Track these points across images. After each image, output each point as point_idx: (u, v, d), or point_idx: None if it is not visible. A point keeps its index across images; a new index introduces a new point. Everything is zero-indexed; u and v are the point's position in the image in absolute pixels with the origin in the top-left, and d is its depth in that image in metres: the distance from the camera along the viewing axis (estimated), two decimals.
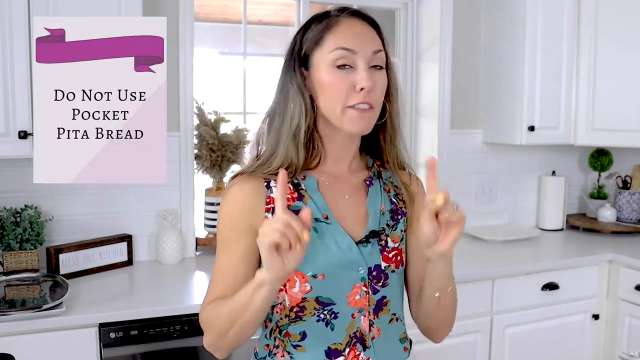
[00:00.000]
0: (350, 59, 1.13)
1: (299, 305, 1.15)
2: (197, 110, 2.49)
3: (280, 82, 1.21)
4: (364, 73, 1.12)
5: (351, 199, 1.22)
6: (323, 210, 1.18)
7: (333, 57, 1.13)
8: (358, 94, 1.12)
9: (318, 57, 1.15)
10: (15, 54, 1.91)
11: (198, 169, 2.54)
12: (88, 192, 2.35)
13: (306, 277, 1.14)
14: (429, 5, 2.91)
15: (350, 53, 1.13)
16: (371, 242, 1.19)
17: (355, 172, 1.25)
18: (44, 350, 1.80)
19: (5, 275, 2.09)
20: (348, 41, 1.13)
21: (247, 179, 1.18)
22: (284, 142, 1.16)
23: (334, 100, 1.14)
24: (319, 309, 1.15)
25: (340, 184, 1.22)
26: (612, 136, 2.80)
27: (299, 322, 1.16)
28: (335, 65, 1.13)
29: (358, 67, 1.13)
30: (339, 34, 1.14)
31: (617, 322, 2.62)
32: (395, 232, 1.23)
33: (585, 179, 3.34)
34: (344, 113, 1.14)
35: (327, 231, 1.16)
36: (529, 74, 2.75)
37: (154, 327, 1.91)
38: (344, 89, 1.13)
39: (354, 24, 1.16)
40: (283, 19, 3.03)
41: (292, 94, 1.17)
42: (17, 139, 1.93)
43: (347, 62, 1.13)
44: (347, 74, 1.13)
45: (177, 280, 2.26)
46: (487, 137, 3.01)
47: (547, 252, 2.82)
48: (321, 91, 1.15)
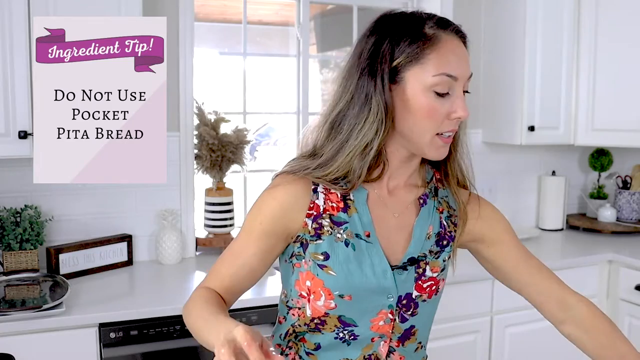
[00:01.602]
0: (450, 85, 1.05)
1: (320, 318, 1.11)
2: (197, 110, 2.49)
3: (356, 86, 1.07)
4: (463, 103, 1.06)
5: (400, 218, 1.14)
6: (367, 227, 1.11)
7: (434, 81, 1.03)
8: (451, 121, 1.06)
9: (414, 76, 1.04)
10: (15, 54, 1.91)
11: (198, 169, 2.54)
12: (88, 192, 2.36)
13: (332, 295, 1.08)
14: (429, 5, 2.91)
15: (453, 80, 1.05)
16: (408, 270, 1.12)
17: (410, 188, 1.17)
18: (44, 350, 1.80)
19: (5, 275, 2.09)
20: (453, 67, 1.05)
21: (294, 180, 1.11)
22: (349, 154, 1.07)
23: (426, 127, 1.05)
24: (340, 328, 1.11)
25: (392, 201, 1.15)
26: (612, 136, 2.80)
27: (317, 334, 1.13)
28: (434, 90, 1.04)
29: (455, 94, 1.05)
30: (444, 55, 1.04)
31: (617, 322, 2.62)
32: (437, 260, 1.15)
33: (585, 179, 3.34)
34: (432, 140, 1.06)
35: (365, 250, 1.09)
36: (529, 74, 2.75)
37: (154, 327, 1.91)
38: (440, 117, 1.05)
39: (457, 45, 1.08)
40: (283, 19, 3.02)
41: (374, 108, 1.04)
42: (17, 139, 1.93)
43: (447, 89, 1.04)
44: (445, 101, 1.05)
45: (177, 280, 2.26)
46: (487, 137, 3.01)
47: (547, 252, 2.82)
48: (409, 112, 1.05)
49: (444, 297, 1.24)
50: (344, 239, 1.09)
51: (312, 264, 1.09)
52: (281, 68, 2.95)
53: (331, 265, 1.08)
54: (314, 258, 1.09)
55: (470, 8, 2.94)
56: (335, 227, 1.10)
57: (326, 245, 1.09)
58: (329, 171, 1.08)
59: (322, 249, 1.09)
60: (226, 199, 2.56)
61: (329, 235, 1.09)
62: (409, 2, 2.96)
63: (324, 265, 1.09)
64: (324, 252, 1.09)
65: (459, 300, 2.34)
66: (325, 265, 1.08)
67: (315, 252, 1.09)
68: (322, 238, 1.09)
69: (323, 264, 1.09)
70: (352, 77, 1.08)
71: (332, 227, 1.09)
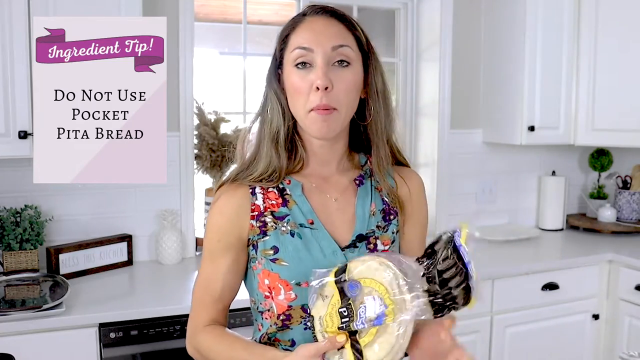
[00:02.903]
0: (308, 57, 1.10)
1: (285, 313, 1.13)
2: (197, 110, 2.49)
3: (264, 88, 1.20)
4: (320, 71, 1.08)
5: (340, 201, 1.18)
6: (308, 215, 1.15)
7: (293, 56, 1.11)
8: (316, 94, 1.08)
9: (286, 59, 1.13)
10: (15, 54, 1.91)
11: (198, 169, 2.54)
12: (88, 192, 2.35)
13: (290, 285, 1.11)
14: (429, 5, 2.91)
15: (307, 51, 1.09)
16: (358, 247, 1.16)
17: (344, 172, 1.21)
18: (44, 350, 1.80)
19: (5, 275, 2.09)
20: (306, 39, 1.10)
21: (232, 189, 1.17)
22: (265, 146, 1.15)
23: (297, 102, 1.11)
24: (306, 317, 1.13)
25: (328, 186, 1.19)
26: (612, 136, 2.80)
27: (287, 330, 1.15)
28: (295, 64, 1.11)
29: (315, 65, 1.09)
30: (299, 33, 1.12)
31: (617, 322, 2.62)
32: (386, 233, 1.19)
33: (585, 179, 3.34)
34: (306, 116, 1.11)
35: (312, 237, 1.13)
36: (529, 74, 2.75)
37: (154, 327, 1.91)
38: (304, 89, 1.09)
39: (316, 21, 1.12)
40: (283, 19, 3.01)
41: (270, 96, 1.16)
42: (17, 139, 1.93)
43: (305, 60, 1.10)
44: (307, 72, 1.10)
45: (177, 280, 2.26)
46: (487, 137, 3.01)
47: (547, 252, 2.82)
48: (288, 93, 1.14)
49: None
50: (288, 231, 1.14)
51: (265, 261, 1.14)
52: None
53: (282, 257, 1.12)
54: (265, 255, 1.13)
55: (470, 8, 2.94)
56: (278, 221, 1.14)
57: (273, 239, 1.13)
58: (255, 170, 1.16)
59: (270, 244, 1.13)
60: None
61: (274, 230, 1.14)
62: (409, 2, 2.96)
63: (275, 258, 1.13)
64: (273, 246, 1.13)
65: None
66: (277, 258, 1.13)
67: (265, 249, 1.14)
68: (267, 234, 1.14)
69: (274, 257, 1.13)
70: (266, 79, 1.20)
71: (275, 222, 1.14)
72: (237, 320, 1.99)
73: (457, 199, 2.99)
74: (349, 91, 1.11)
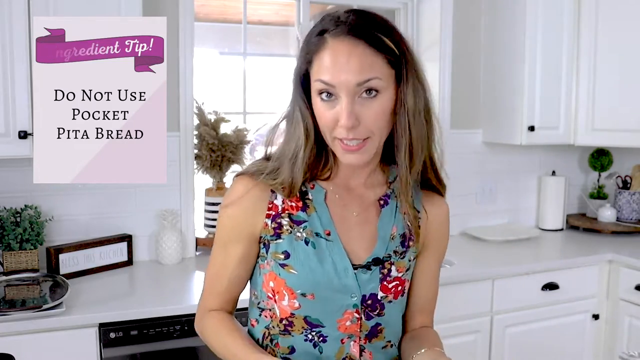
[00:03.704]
0: (332, 90, 1.01)
1: (287, 319, 1.12)
2: (197, 110, 2.49)
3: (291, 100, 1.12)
4: (344, 111, 0.99)
5: (360, 217, 1.14)
6: (326, 226, 1.11)
7: (316, 87, 1.03)
8: (342, 128, 1.01)
9: (311, 78, 1.05)
10: (15, 54, 1.91)
11: (198, 169, 2.54)
12: (88, 192, 2.35)
13: (295, 294, 1.09)
14: (429, 5, 2.91)
15: (330, 87, 1.01)
16: (372, 270, 1.11)
17: (371, 188, 1.16)
18: (44, 350, 1.80)
19: (5, 275, 2.09)
20: (327, 73, 1.00)
21: (252, 182, 1.13)
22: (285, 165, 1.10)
23: (324, 128, 1.05)
24: (307, 329, 1.11)
25: (352, 199, 1.14)
26: (612, 136, 2.80)
27: (288, 337, 1.13)
28: (319, 95, 1.03)
29: (340, 100, 1.01)
30: (322, 61, 1.02)
31: (617, 322, 2.62)
32: (403, 260, 1.14)
33: (585, 179, 3.34)
34: (333, 143, 1.05)
35: (326, 249, 1.10)
36: (529, 74, 2.75)
37: (154, 327, 1.91)
38: (329, 121, 1.02)
39: (339, 48, 1.00)
40: (283, 19, 3.02)
41: (296, 116, 1.09)
42: (17, 139, 1.93)
43: (330, 92, 1.01)
44: (332, 104, 1.02)
45: (177, 280, 2.26)
46: (487, 137, 3.01)
47: (547, 252, 2.82)
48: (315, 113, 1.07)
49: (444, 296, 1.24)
50: (303, 238, 1.10)
51: (274, 263, 1.11)
52: (281, 68, 2.95)
53: (292, 263, 1.10)
54: (275, 258, 1.11)
55: (470, 8, 2.94)
56: (295, 226, 1.11)
57: (286, 244, 1.10)
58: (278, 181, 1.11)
59: (282, 248, 1.11)
60: None
61: (289, 235, 1.11)
62: (409, 2, 2.96)
63: (285, 264, 1.10)
64: (284, 251, 1.10)
65: (459, 300, 2.34)
66: (286, 264, 1.10)
67: (276, 252, 1.11)
68: (282, 237, 1.11)
69: (284, 262, 1.10)
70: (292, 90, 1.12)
71: (292, 226, 1.11)
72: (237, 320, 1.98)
73: (457, 199, 2.98)
74: (379, 119, 1.02)
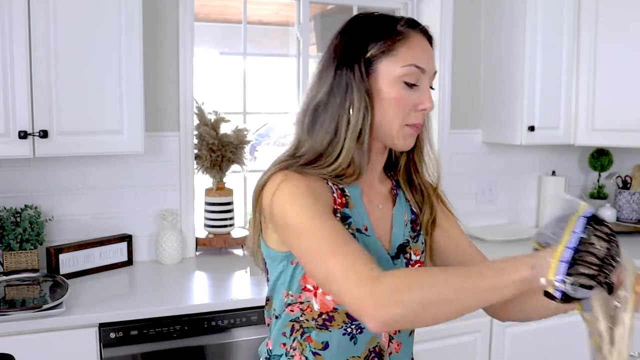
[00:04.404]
0: (418, 77, 1.10)
1: (328, 313, 1.10)
2: (197, 110, 2.49)
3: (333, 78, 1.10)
4: (429, 95, 1.11)
5: (383, 210, 1.19)
6: (364, 222, 1.13)
7: (403, 72, 1.08)
8: (418, 113, 1.10)
9: (386, 67, 1.09)
10: (15, 54, 1.91)
11: (198, 169, 2.54)
12: (88, 192, 2.36)
13: None
14: (429, 5, 2.92)
15: (420, 72, 1.09)
16: (400, 258, 1.16)
17: (383, 181, 1.23)
18: (44, 350, 1.80)
19: (5, 275, 2.09)
20: (421, 59, 1.10)
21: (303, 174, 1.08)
22: (345, 145, 1.08)
23: (394, 116, 1.09)
24: (347, 323, 1.11)
25: (374, 194, 1.19)
26: (612, 136, 2.80)
27: (325, 331, 1.12)
28: (403, 80, 1.09)
29: (422, 87, 1.10)
30: (413, 49, 1.09)
31: None
32: (417, 244, 1.20)
33: (585, 179, 3.34)
34: (400, 129, 1.10)
35: (367, 245, 1.10)
36: (529, 74, 2.75)
37: (154, 327, 1.91)
38: (408, 107, 1.09)
39: (423, 42, 1.12)
40: (283, 19, 3.02)
41: (356, 95, 1.08)
42: (17, 139, 1.93)
43: (415, 81, 1.09)
44: (413, 92, 1.09)
45: (177, 280, 2.26)
46: (487, 137, 3.01)
47: None
48: (380, 102, 1.09)
49: None
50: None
51: None
52: (281, 68, 2.95)
53: None
54: None
55: (470, 8, 2.94)
56: (343, 222, 1.10)
57: None
58: (334, 167, 1.09)
59: None
60: (226, 199, 2.56)
61: None
62: (409, 2, 2.96)
63: None
64: None
65: None
66: None
67: None
68: None
69: None
70: (329, 69, 1.11)
71: (342, 222, 1.10)
72: (237, 320, 1.99)
73: (456, 199, 2.96)
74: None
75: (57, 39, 1.97)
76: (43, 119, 1.97)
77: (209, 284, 2.27)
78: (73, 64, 2.01)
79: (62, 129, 2.01)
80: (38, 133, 1.95)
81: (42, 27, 1.95)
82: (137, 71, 2.10)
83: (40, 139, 1.96)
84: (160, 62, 2.38)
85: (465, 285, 0.90)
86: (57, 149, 2.01)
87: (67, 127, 2.02)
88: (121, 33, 2.07)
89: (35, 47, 1.94)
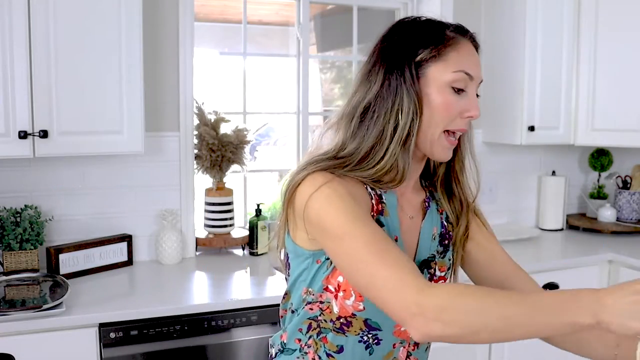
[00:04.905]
0: (466, 83, 1.09)
1: (346, 318, 1.10)
2: (197, 110, 2.49)
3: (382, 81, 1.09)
4: (476, 103, 1.10)
5: (413, 221, 1.17)
6: (396, 232, 1.12)
7: (453, 77, 1.07)
8: (463, 120, 1.10)
9: (435, 72, 1.08)
10: (15, 54, 1.91)
11: (198, 169, 2.54)
12: (88, 192, 2.36)
13: (363, 297, 1.06)
14: (429, 5, 2.91)
15: (469, 78, 1.09)
16: (423, 273, 1.14)
17: (416, 191, 1.21)
18: (44, 350, 1.80)
19: (5, 275, 2.09)
20: (470, 66, 1.09)
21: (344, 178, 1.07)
22: (390, 148, 1.07)
23: (437, 121, 1.08)
24: (365, 331, 1.11)
25: (407, 203, 1.17)
26: (612, 136, 2.80)
27: (341, 335, 1.11)
28: (452, 86, 1.08)
29: (469, 94, 1.10)
30: (463, 56, 1.09)
31: None
32: (444, 260, 1.18)
33: (585, 179, 3.34)
34: (439, 137, 1.09)
35: None
36: (529, 74, 2.75)
37: (154, 327, 1.91)
38: (454, 113, 1.08)
39: (472, 49, 1.12)
40: (283, 19, 3.03)
41: (406, 99, 1.07)
42: (17, 139, 1.93)
43: (463, 87, 1.09)
44: (460, 98, 1.09)
45: (177, 280, 2.26)
46: (487, 137, 3.01)
47: (547, 252, 2.82)
48: (427, 106, 1.08)
49: None
50: None
51: None
52: (281, 68, 2.95)
53: None
54: None
55: (470, 8, 2.94)
56: None
57: None
58: (376, 169, 1.07)
59: None
60: (226, 199, 2.56)
61: None
62: (409, 3, 2.96)
63: None
64: None
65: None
66: None
67: None
68: None
69: None
70: (376, 72, 1.10)
71: None
72: (237, 320, 1.99)
73: None
74: None
75: (57, 38, 1.97)
76: (43, 119, 1.97)
77: (209, 284, 2.27)
78: (73, 64, 2.01)
79: (62, 128, 2.01)
80: (38, 133, 1.95)
81: (42, 27, 1.95)
82: (137, 71, 2.10)
83: (40, 139, 1.96)
84: (160, 62, 2.38)
85: (517, 319, 0.85)
86: (57, 149, 2.01)
87: (67, 127, 2.02)
88: (121, 33, 2.07)
89: (35, 47, 1.94)
